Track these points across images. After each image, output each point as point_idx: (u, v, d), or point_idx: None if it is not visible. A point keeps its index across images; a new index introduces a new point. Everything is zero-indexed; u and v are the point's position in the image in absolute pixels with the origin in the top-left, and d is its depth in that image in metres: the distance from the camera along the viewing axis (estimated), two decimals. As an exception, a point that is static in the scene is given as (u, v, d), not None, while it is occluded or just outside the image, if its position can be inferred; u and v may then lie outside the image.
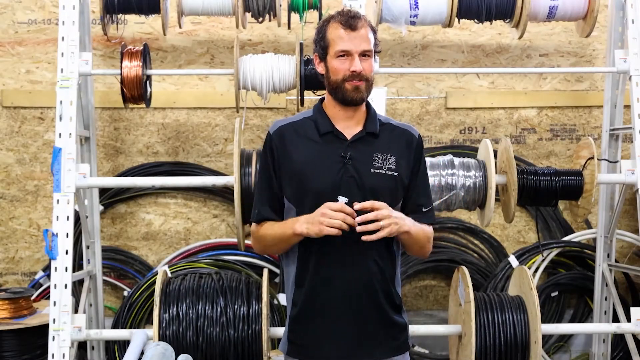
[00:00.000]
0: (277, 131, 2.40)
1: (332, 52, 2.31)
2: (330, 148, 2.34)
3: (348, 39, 2.28)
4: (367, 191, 2.30)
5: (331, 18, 2.34)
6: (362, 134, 2.36)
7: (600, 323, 4.34)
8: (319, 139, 2.35)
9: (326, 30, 2.33)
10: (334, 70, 2.31)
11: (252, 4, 3.94)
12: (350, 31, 2.28)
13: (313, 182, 2.31)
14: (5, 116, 4.65)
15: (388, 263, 2.38)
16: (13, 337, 3.79)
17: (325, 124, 2.36)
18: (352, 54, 2.28)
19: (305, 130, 2.38)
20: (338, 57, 2.30)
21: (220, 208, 4.78)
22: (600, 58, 4.74)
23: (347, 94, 2.30)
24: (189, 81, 4.70)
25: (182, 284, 3.40)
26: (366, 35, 2.30)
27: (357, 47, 2.28)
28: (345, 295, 2.33)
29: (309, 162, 2.33)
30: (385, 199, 2.29)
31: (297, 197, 2.33)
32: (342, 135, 2.35)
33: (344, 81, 2.29)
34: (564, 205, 4.67)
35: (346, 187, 2.30)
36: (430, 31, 4.70)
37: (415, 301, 4.88)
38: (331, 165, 2.31)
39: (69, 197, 3.57)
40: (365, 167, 2.32)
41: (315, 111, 2.41)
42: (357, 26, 2.28)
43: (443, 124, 4.80)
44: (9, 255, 4.74)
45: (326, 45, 2.32)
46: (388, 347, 2.40)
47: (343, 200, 2.21)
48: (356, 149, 2.33)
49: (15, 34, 4.62)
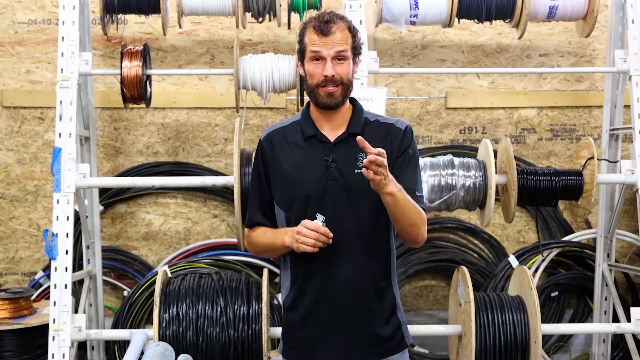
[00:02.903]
0: (266, 137, 2.43)
1: (307, 55, 2.31)
2: (315, 152, 2.35)
3: (321, 43, 2.27)
4: (353, 192, 2.30)
5: (309, 21, 2.34)
6: (345, 136, 2.36)
7: (600, 323, 4.34)
8: (304, 143, 2.37)
9: (304, 33, 2.33)
10: (309, 74, 2.31)
11: (252, 4, 3.94)
12: (322, 36, 2.27)
13: (299, 187, 2.32)
14: (5, 116, 4.65)
15: (379, 259, 2.38)
16: (13, 337, 3.80)
17: (309, 128, 2.37)
18: (324, 58, 2.28)
19: (292, 136, 2.39)
20: (312, 61, 2.30)
21: (220, 208, 4.78)
22: (600, 58, 4.74)
23: (319, 99, 2.31)
24: (189, 81, 4.70)
25: (182, 284, 3.40)
26: (340, 38, 2.28)
27: (330, 51, 2.27)
28: (335, 297, 2.33)
29: (295, 167, 2.34)
30: (372, 199, 2.29)
31: (285, 203, 2.36)
32: (325, 139, 2.36)
33: (318, 86, 2.30)
34: (564, 205, 4.67)
35: (331, 190, 2.31)
36: (430, 31, 4.70)
37: (415, 301, 4.88)
38: (315, 170, 2.32)
39: (69, 197, 3.58)
40: (349, 168, 2.32)
41: (302, 115, 2.43)
42: (329, 31, 2.27)
43: (443, 124, 4.80)
44: (9, 255, 4.74)
45: (303, 49, 2.33)
46: (383, 348, 2.39)
47: (320, 219, 2.23)
48: (339, 151, 2.34)
49: (15, 34, 4.62)
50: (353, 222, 2.32)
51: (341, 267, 2.32)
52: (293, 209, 2.34)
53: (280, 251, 2.37)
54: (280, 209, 2.39)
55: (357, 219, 2.32)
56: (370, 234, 2.34)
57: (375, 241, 2.35)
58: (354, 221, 2.32)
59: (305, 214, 2.30)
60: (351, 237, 2.32)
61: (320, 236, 2.21)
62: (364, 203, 2.32)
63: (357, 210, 2.32)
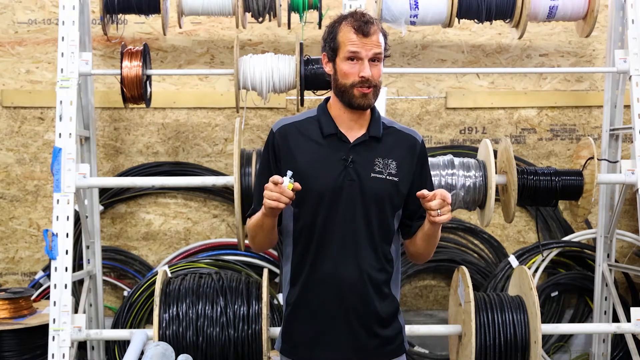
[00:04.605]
0: (280, 130, 2.39)
1: (341, 54, 2.28)
2: (333, 150, 2.33)
3: (360, 43, 2.25)
4: (367, 195, 2.30)
5: (344, 19, 2.31)
6: (365, 138, 2.35)
7: (600, 323, 4.34)
8: (322, 140, 2.35)
9: (337, 31, 2.30)
10: (343, 74, 2.28)
11: (252, 4, 3.94)
12: (362, 36, 2.25)
13: (314, 183, 2.30)
14: (5, 116, 4.65)
15: (384, 265, 2.37)
16: (13, 337, 3.80)
17: (329, 126, 2.35)
18: (362, 58, 2.25)
19: (308, 131, 2.37)
20: (347, 61, 2.27)
21: (220, 208, 4.78)
22: (600, 58, 4.74)
23: (354, 99, 2.29)
24: (189, 81, 4.70)
25: (182, 284, 3.40)
26: (377, 41, 2.27)
27: (368, 52, 2.25)
28: (338, 296, 2.32)
29: (311, 163, 2.32)
30: (385, 204, 2.31)
31: (298, 198, 2.32)
32: (345, 138, 2.34)
33: (353, 87, 2.27)
34: (564, 205, 4.67)
35: (347, 190, 2.30)
36: (430, 31, 4.70)
37: (415, 301, 4.88)
38: (333, 168, 2.31)
39: (69, 197, 3.58)
40: (366, 171, 2.31)
41: (320, 111, 2.40)
42: (369, 32, 2.25)
43: (443, 124, 4.80)
44: (9, 255, 4.74)
45: (336, 47, 2.29)
46: (385, 350, 2.39)
47: (289, 174, 2.17)
48: (358, 152, 2.33)
49: (15, 34, 4.62)
50: (363, 223, 2.31)
51: (347, 267, 2.31)
52: (304, 205, 2.32)
53: (264, 225, 2.30)
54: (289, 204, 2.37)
55: (367, 221, 2.32)
56: (379, 237, 2.34)
57: (383, 245, 2.35)
58: (364, 223, 2.31)
59: (318, 212, 2.30)
60: (360, 238, 2.31)
61: (285, 191, 2.14)
62: (376, 207, 2.32)
63: (369, 213, 2.31)
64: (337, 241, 2.29)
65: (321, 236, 2.31)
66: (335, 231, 2.30)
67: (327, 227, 2.31)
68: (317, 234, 2.32)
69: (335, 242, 2.30)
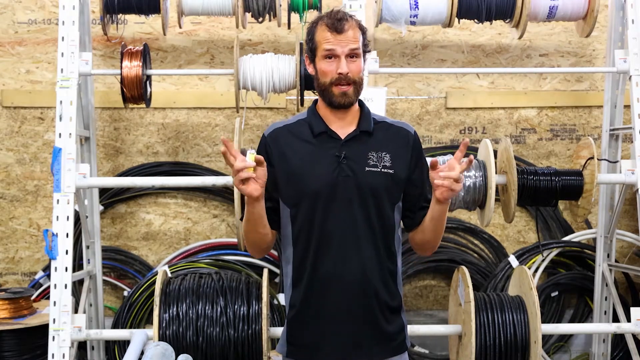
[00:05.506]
0: (271, 133, 2.41)
1: (319, 53, 2.30)
2: (325, 148, 2.33)
3: (335, 41, 2.27)
4: (363, 189, 2.30)
5: (319, 19, 2.33)
6: (356, 133, 2.35)
7: (600, 323, 4.34)
8: (314, 139, 2.35)
9: (314, 31, 2.32)
10: (322, 72, 2.30)
11: (252, 4, 3.94)
12: (336, 34, 2.27)
13: (309, 182, 2.31)
14: (5, 116, 4.65)
15: (387, 262, 2.37)
16: (13, 337, 3.80)
17: (319, 125, 2.36)
18: (338, 55, 2.27)
19: (299, 132, 2.38)
20: (325, 59, 2.29)
21: (220, 208, 4.78)
22: (600, 58, 4.74)
23: (334, 98, 2.30)
24: (189, 81, 4.70)
25: (182, 284, 3.40)
26: (353, 36, 2.28)
27: (344, 48, 2.27)
28: (342, 295, 2.32)
29: (304, 162, 2.33)
30: (382, 197, 2.31)
31: (292, 199, 2.33)
32: (335, 135, 2.35)
33: (332, 84, 2.29)
34: (564, 205, 4.67)
35: (342, 186, 2.30)
36: (430, 31, 4.70)
37: (415, 301, 4.88)
38: (326, 166, 2.31)
39: (69, 197, 3.57)
40: (360, 165, 2.32)
41: (309, 113, 2.41)
42: (343, 29, 2.27)
43: (443, 124, 4.80)
44: (9, 255, 4.74)
45: (314, 47, 2.32)
46: (386, 348, 2.38)
47: (250, 151, 2.18)
48: (350, 148, 2.33)
49: (15, 34, 4.62)
50: (362, 219, 2.31)
51: (349, 264, 2.31)
52: (301, 205, 2.32)
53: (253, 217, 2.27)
54: (285, 205, 2.36)
55: (366, 216, 2.31)
56: (379, 232, 2.34)
57: (383, 240, 2.35)
58: (363, 218, 2.31)
59: (315, 210, 2.30)
60: (360, 234, 2.31)
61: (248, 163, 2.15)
62: (373, 201, 2.32)
63: (367, 208, 2.31)
64: (337, 239, 2.29)
65: (320, 235, 2.31)
66: (335, 229, 2.30)
67: (325, 225, 2.30)
68: (316, 233, 2.31)
69: (335, 240, 2.29)
